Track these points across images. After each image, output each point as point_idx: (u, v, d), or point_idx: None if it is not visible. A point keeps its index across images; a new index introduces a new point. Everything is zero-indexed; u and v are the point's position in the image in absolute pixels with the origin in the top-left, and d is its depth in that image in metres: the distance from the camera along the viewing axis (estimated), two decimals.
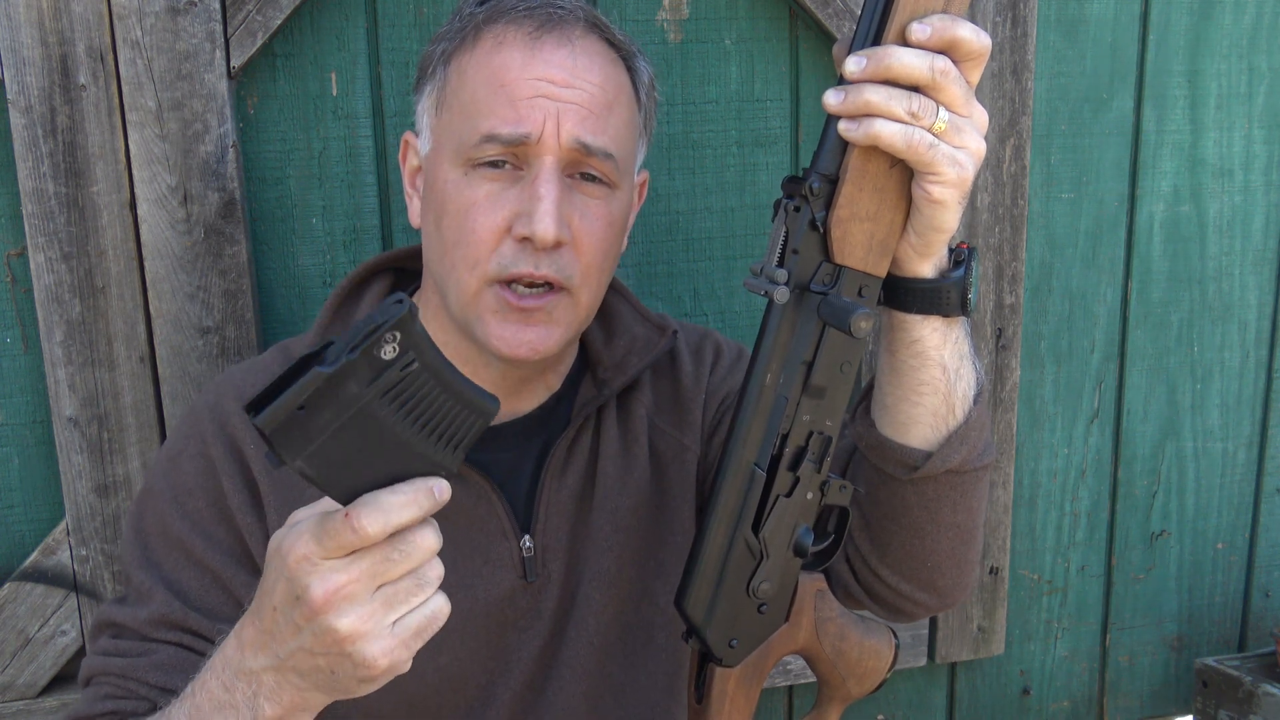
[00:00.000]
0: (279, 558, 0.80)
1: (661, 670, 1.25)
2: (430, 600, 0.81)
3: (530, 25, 1.06)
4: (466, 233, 1.06)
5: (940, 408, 1.01)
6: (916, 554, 1.09)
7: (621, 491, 1.20)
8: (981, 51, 0.87)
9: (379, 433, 0.75)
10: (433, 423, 0.78)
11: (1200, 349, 1.83)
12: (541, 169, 1.04)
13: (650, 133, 1.20)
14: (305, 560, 0.78)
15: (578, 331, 1.14)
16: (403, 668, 0.82)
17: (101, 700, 1.06)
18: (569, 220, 1.06)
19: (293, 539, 0.79)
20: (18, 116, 1.28)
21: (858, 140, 0.88)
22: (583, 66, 1.06)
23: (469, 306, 1.08)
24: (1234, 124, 1.76)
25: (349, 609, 0.78)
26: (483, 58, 1.07)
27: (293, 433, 0.72)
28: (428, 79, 1.13)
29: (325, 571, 0.78)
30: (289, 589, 0.79)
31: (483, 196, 1.05)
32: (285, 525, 0.82)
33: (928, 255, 0.95)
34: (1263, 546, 1.95)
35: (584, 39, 1.08)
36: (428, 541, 0.79)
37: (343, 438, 0.74)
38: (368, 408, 0.74)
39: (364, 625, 0.79)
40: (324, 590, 0.77)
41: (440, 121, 1.11)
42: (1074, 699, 1.91)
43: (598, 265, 1.10)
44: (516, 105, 1.04)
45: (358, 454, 0.75)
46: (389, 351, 0.73)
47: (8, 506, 1.42)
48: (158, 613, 1.07)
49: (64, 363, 1.35)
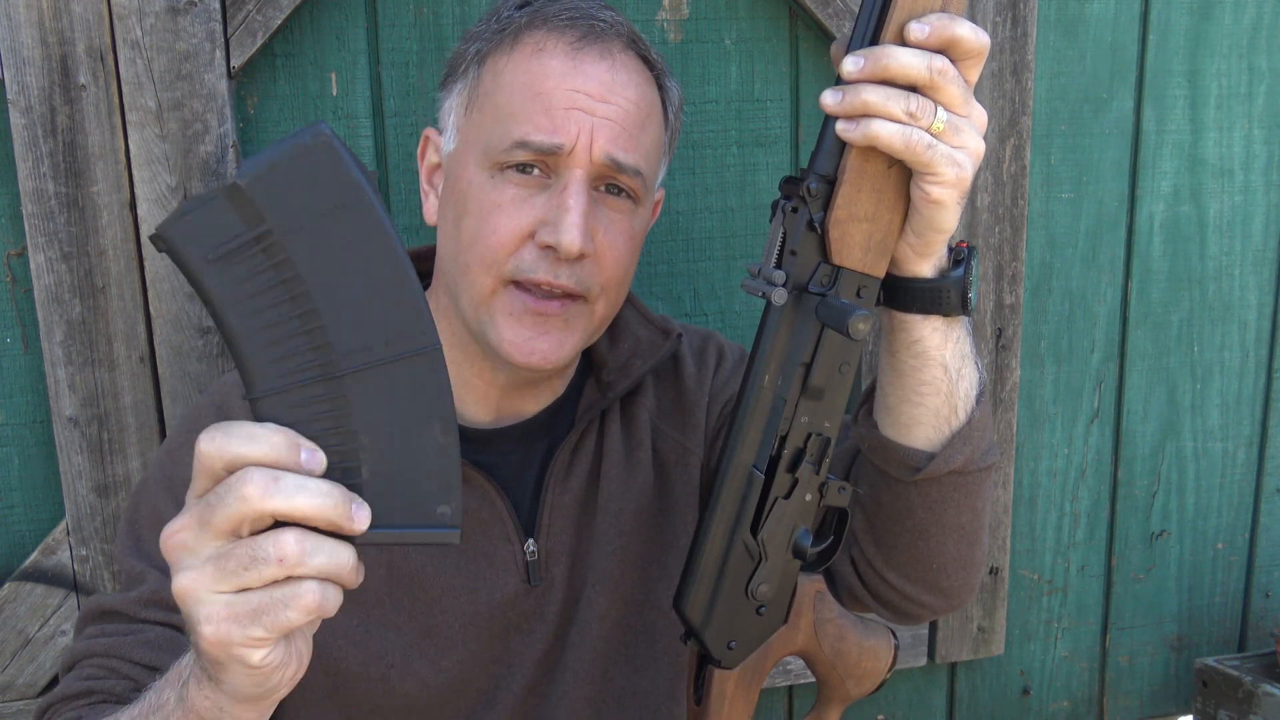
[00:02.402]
0: None
1: (664, 674, 1.25)
2: (277, 589, 0.69)
3: (573, 35, 1.06)
4: (487, 233, 1.05)
5: (942, 408, 1.01)
6: (921, 556, 1.08)
7: (625, 495, 1.20)
8: (980, 50, 0.87)
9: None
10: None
11: (1200, 349, 1.83)
12: (571, 180, 1.04)
13: (673, 152, 1.20)
14: (187, 498, 0.73)
15: (590, 341, 1.14)
16: (242, 652, 0.70)
17: (80, 681, 1.03)
18: (593, 233, 1.06)
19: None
20: (18, 116, 1.28)
21: (855, 141, 0.87)
22: (620, 82, 1.06)
23: (482, 307, 1.07)
24: (1234, 124, 1.76)
25: (184, 559, 0.71)
26: (521, 62, 1.06)
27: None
28: (458, 77, 1.12)
29: (179, 514, 0.71)
30: None
31: (508, 200, 1.05)
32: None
33: (927, 255, 0.95)
34: (1263, 546, 1.94)
35: (623, 54, 1.08)
36: (246, 484, 0.67)
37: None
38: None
39: (191, 584, 0.70)
40: (167, 533, 0.71)
41: (469, 121, 1.10)
42: (1074, 699, 1.91)
43: (618, 279, 1.10)
44: (553, 115, 1.04)
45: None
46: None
47: (8, 506, 1.42)
48: (149, 591, 1.06)
49: (64, 363, 1.35)
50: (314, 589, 0.70)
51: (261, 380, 0.71)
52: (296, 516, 0.69)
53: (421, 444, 0.73)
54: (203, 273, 0.69)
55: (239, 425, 0.70)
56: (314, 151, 0.69)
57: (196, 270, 0.69)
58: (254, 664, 0.71)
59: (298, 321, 0.71)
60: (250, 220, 0.68)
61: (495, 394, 1.16)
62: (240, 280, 0.69)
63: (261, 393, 0.71)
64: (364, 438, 0.73)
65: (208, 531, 0.69)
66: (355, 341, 0.71)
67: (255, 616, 0.69)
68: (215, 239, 0.69)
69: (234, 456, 0.69)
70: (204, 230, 0.68)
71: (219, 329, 0.71)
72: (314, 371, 0.71)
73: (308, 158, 0.69)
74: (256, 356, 0.71)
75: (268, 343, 0.71)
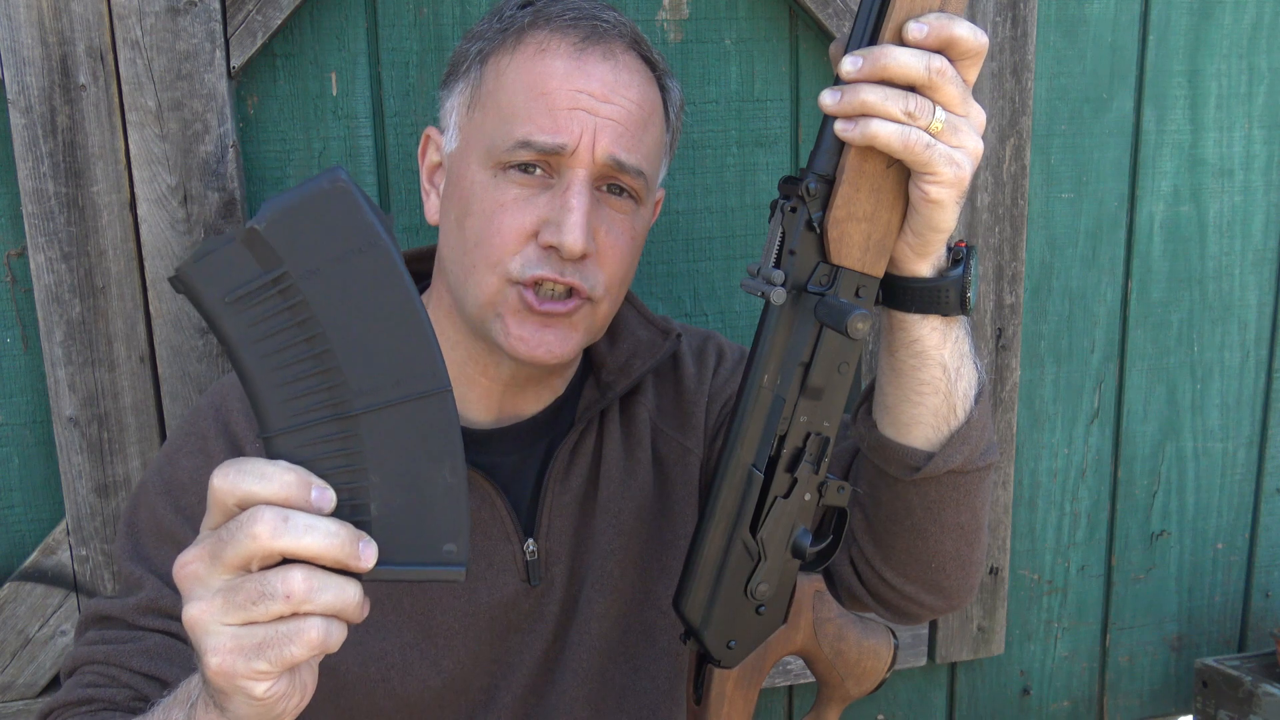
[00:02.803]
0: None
1: (664, 673, 1.25)
2: (283, 624, 0.71)
3: (576, 36, 1.06)
4: (491, 233, 1.05)
5: (941, 407, 1.01)
6: (920, 555, 1.09)
7: (624, 495, 1.21)
8: (978, 50, 0.87)
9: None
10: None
11: (1200, 349, 1.83)
12: (574, 180, 1.04)
13: (673, 152, 1.20)
14: (204, 526, 0.74)
15: (593, 339, 1.14)
16: (245, 684, 0.72)
17: (81, 688, 1.04)
18: (595, 233, 1.06)
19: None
20: (18, 116, 1.28)
21: (854, 140, 0.87)
22: (623, 83, 1.06)
23: (487, 306, 1.07)
24: (1234, 124, 1.76)
25: (195, 590, 0.72)
26: (524, 62, 1.06)
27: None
28: (460, 76, 1.12)
29: (192, 544, 0.73)
30: None
31: (511, 199, 1.05)
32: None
33: (926, 255, 0.95)
34: (1263, 546, 1.94)
35: (626, 55, 1.08)
36: (256, 523, 0.69)
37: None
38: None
39: (200, 615, 0.71)
40: (180, 563, 0.73)
41: (471, 120, 1.10)
42: (1074, 699, 1.91)
43: (620, 278, 1.11)
44: (555, 115, 1.04)
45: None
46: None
47: (8, 506, 1.43)
48: (146, 599, 1.06)
49: (64, 363, 1.35)
50: (318, 625, 0.72)
51: (275, 419, 0.73)
52: (305, 555, 0.71)
53: (430, 483, 0.75)
54: (220, 314, 0.70)
55: (251, 463, 0.71)
56: (331, 197, 0.70)
57: (214, 311, 0.70)
58: (257, 696, 0.73)
59: (312, 362, 0.72)
60: (267, 263, 0.70)
61: (498, 391, 1.16)
62: (256, 321, 0.71)
63: (275, 431, 0.73)
64: (374, 476, 0.74)
65: (218, 565, 0.71)
66: (368, 382, 0.73)
67: (260, 650, 0.71)
68: (233, 281, 0.70)
69: (245, 494, 0.70)
70: (222, 272, 0.70)
71: (235, 368, 0.73)
72: (327, 411, 0.73)
73: (324, 203, 0.70)
74: (271, 396, 0.72)
75: (282, 382, 0.72)
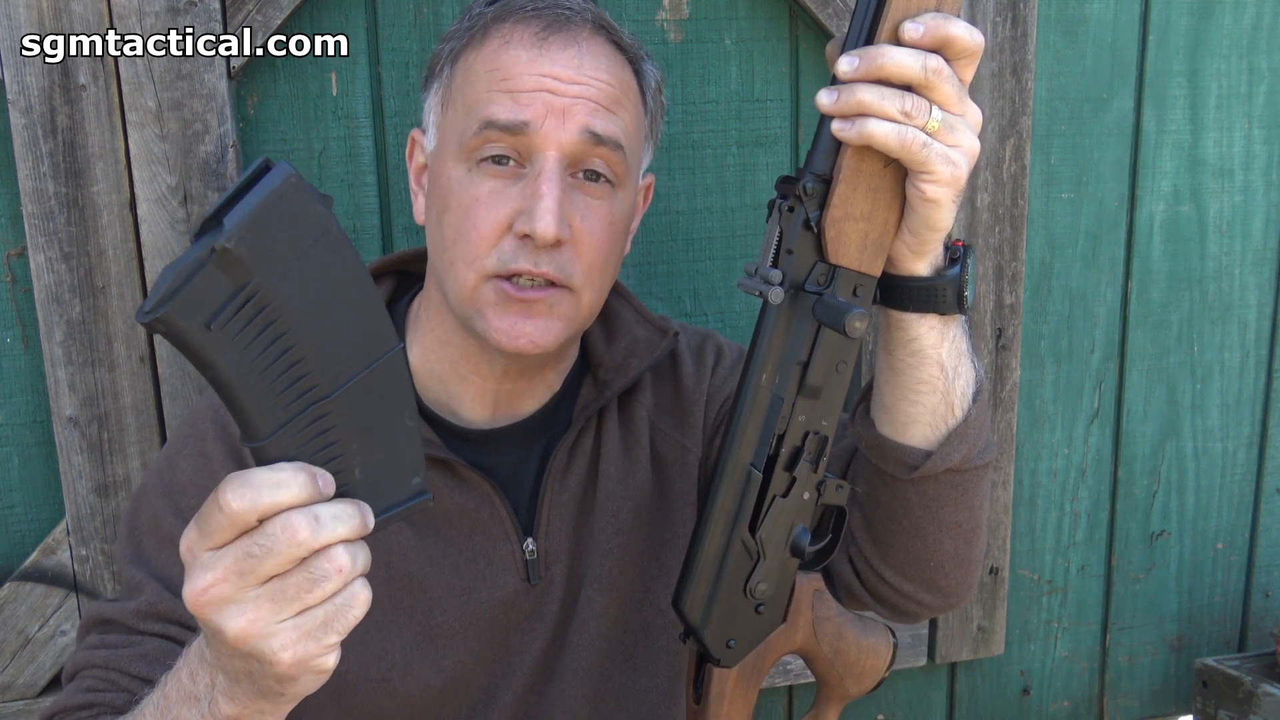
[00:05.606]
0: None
1: (663, 672, 1.25)
2: (338, 596, 0.74)
3: (538, 25, 1.06)
4: (468, 229, 1.06)
5: (939, 406, 1.01)
6: (919, 554, 1.08)
7: (623, 494, 1.21)
8: (975, 49, 0.87)
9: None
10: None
11: (1200, 349, 1.83)
12: (544, 166, 1.04)
13: (657, 137, 1.19)
14: (189, 551, 0.74)
15: (578, 330, 1.14)
16: (319, 661, 0.76)
17: (81, 693, 1.05)
18: (570, 219, 1.06)
19: (190, 523, 0.74)
20: (18, 116, 1.28)
21: (851, 140, 0.88)
22: (589, 66, 1.06)
23: (468, 301, 1.08)
24: (1234, 124, 1.76)
25: (228, 610, 0.73)
26: (489, 56, 1.07)
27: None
28: (435, 77, 1.13)
29: (198, 568, 0.73)
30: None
31: (485, 193, 1.05)
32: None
33: (923, 254, 0.95)
34: (1263, 546, 1.94)
35: (591, 40, 1.08)
36: (296, 531, 0.71)
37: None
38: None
39: (251, 626, 0.73)
40: (192, 591, 0.73)
41: (445, 118, 1.11)
42: (1074, 699, 1.91)
43: (599, 265, 1.10)
44: (518, 96, 1.04)
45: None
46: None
47: (8, 506, 1.43)
48: (146, 603, 1.07)
49: (64, 363, 1.35)
50: (363, 585, 0.76)
51: (264, 424, 0.73)
52: (339, 541, 0.74)
53: (394, 433, 0.78)
54: (202, 343, 0.69)
55: (257, 474, 0.72)
56: (286, 192, 0.69)
57: (196, 342, 0.69)
58: (329, 668, 0.77)
59: (287, 361, 0.72)
60: (239, 279, 0.68)
61: (492, 388, 1.16)
62: (233, 337, 0.70)
63: (265, 438, 0.73)
64: (354, 444, 0.76)
65: (251, 578, 0.72)
66: (336, 363, 0.74)
67: (326, 626, 0.75)
68: (210, 307, 0.68)
69: (268, 507, 0.71)
70: (197, 301, 0.68)
71: (213, 387, 0.72)
72: (306, 401, 0.74)
73: (281, 202, 0.68)
74: (254, 404, 0.72)
75: (263, 388, 0.72)
